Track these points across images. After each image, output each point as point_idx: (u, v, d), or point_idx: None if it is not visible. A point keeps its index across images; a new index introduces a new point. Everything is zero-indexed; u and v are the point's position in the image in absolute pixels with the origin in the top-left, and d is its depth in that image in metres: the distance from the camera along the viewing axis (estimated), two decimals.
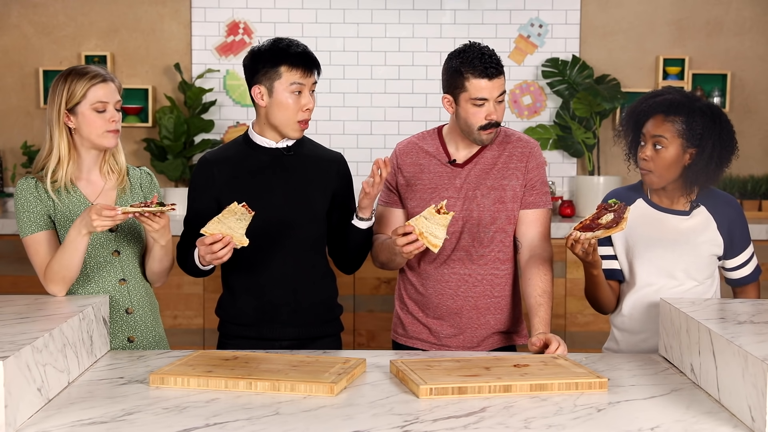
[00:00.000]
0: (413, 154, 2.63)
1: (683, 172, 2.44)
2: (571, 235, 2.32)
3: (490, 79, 2.43)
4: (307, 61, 2.45)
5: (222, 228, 2.26)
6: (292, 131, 2.47)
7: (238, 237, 2.26)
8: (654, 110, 2.45)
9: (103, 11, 4.93)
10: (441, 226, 2.27)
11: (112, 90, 2.40)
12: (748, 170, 4.93)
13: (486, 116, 2.45)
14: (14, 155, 4.96)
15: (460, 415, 1.79)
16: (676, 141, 2.41)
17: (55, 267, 2.33)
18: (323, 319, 2.56)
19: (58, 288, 2.36)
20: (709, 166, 2.42)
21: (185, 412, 1.80)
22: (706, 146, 2.41)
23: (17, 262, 4.36)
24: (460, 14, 4.94)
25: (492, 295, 2.57)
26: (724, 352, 1.87)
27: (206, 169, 2.54)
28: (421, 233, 2.26)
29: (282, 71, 2.43)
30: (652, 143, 2.43)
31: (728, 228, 2.49)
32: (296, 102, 2.44)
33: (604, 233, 2.29)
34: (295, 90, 2.43)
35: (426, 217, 2.27)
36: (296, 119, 2.45)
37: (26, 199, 2.39)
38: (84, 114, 2.37)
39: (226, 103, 4.97)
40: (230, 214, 2.26)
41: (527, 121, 4.99)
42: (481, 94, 2.43)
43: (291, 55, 2.43)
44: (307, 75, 2.44)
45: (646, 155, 2.44)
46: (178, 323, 4.40)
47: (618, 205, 2.33)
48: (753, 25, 4.97)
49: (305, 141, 2.60)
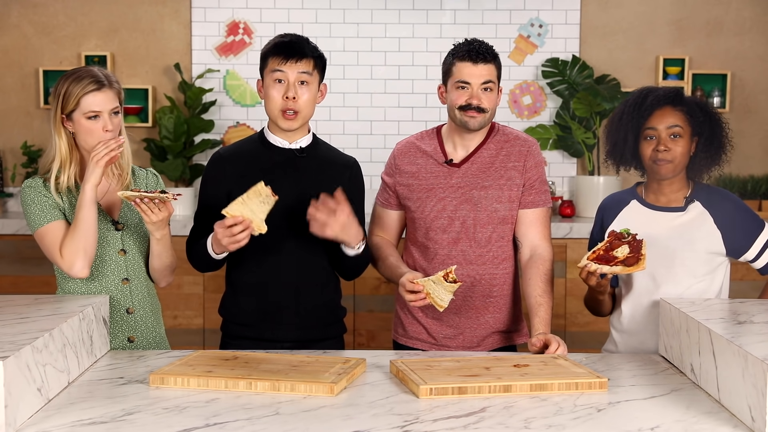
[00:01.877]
0: (411, 154, 2.64)
1: (690, 161, 2.49)
2: (586, 266, 2.32)
3: (474, 63, 2.48)
4: (288, 48, 2.43)
5: (244, 210, 2.23)
6: (280, 122, 2.46)
7: (257, 222, 2.24)
8: (660, 103, 2.47)
9: (103, 11, 4.93)
10: (448, 292, 2.33)
11: (108, 97, 2.36)
12: (748, 170, 4.93)
13: (467, 99, 2.49)
14: (14, 155, 4.96)
15: (460, 415, 1.79)
16: (688, 129, 2.46)
17: (72, 239, 2.29)
18: (326, 322, 2.55)
19: (81, 262, 2.30)
20: (709, 150, 2.47)
21: (185, 412, 1.80)
22: (704, 132, 2.47)
23: (17, 262, 4.36)
24: (460, 14, 4.94)
25: (491, 295, 2.57)
26: (724, 352, 1.87)
27: (219, 164, 2.53)
28: (428, 293, 2.33)
29: (268, 60, 2.45)
30: (669, 134, 2.45)
31: (728, 221, 2.47)
32: (278, 91, 2.43)
33: (623, 270, 2.30)
34: (276, 78, 2.43)
35: (434, 282, 2.33)
36: (279, 108, 2.44)
37: (35, 194, 2.36)
38: (79, 122, 2.36)
39: (226, 103, 4.97)
40: (255, 195, 2.24)
41: (527, 121, 4.99)
42: (464, 76, 2.49)
43: (276, 44, 2.45)
44: (286, 62, 2.42)
45: (667, 146, 2.44)
46: (178, 323, 4.40)
47: (632, 237, 2.33)
48: (753, 25, 4.97)
49: (320, 144, 2.58)
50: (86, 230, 2.30)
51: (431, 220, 2.57)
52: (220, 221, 2.27)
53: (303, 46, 2.46)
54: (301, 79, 2.44)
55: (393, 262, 2.55)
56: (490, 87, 2.50)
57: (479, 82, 2.48)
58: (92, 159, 2.31)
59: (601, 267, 2.31)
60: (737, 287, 2.71)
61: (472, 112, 2.50)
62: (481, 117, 2.51)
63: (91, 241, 2.31)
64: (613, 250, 2.33)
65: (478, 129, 2.53)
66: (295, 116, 2.45)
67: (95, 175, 2.30)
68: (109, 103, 2.37)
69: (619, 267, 2.30)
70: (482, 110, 2.50)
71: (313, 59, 2.46)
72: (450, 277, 2.32)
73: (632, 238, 2.33)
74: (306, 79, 2.45)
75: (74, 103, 2.34)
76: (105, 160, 2.30)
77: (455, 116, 2.53)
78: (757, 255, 2.51)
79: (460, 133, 2.57)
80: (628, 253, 2.31)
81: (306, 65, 2.44)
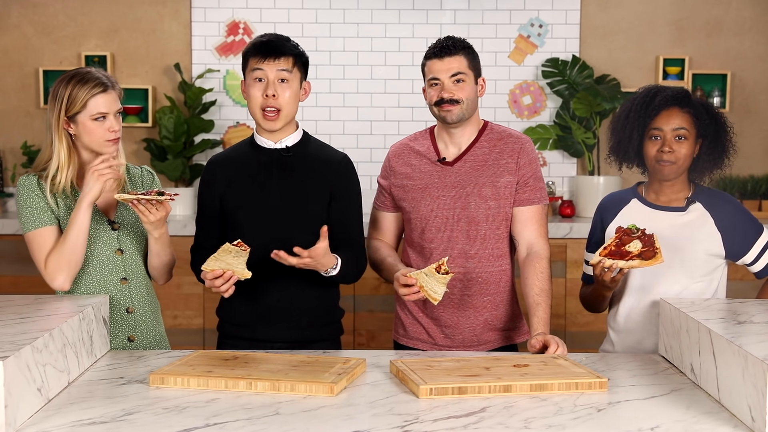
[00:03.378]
0: (405, 155, 2.64)
1: (693, 162, 2.48)
2: (601, 261, 2.30)
3: (440, 59, 2.52)
4: (267, 46, 2.43)
5: (221, 264, 2.26)
6: (261, 121, 2.46)
7: (239, 271, 2.27)
8: (668, 103, 2.47)
9: (103, 11, 4.93)
10: (441, 284, 2.33)
11: (113, 99, 2.38)
12: (748, 170, 4.93)
13: (438, 93, 2.52)
14: (14, 155, 4.96)
15: (460, 415, 1.79)
16: (693, 132, 2.46)
17: (59, 253, 2.31)
18: (321, 323, 2.54)
19: (63, 277, 2.33)
20: (713, 154, 2.47)
21: (185, 412, 1.80)
22: (708, 135, 2.47)
23: (17, 262, 4.36)
24: (460, 14, 4.95)
25: (488, 293, 2.57)
26: (724, 352, 1.87)
27: (211, 169, 2.56)
28: (421, 287, 2.33)
29: (249, 60, 2.46)
30: (674, 136, 2.44)
31: (728, 224, 2.47)
32: (259, 89, 2.43)
33: (641, 264, 2.27)
34: (256, 77, 2.43)
35: (427, 274, 2.33)
36: (259, 107, 2.44)
37: (29, 195, 2.37)
38: (84, 124, 2.36)
39: (226, 103, 4.97)
40: (225, 253, 2.28)
41: (527, 121, 4.99)
42: (433, 73, 2.54)
43: (255, 44, 2.45)
44: (264, 60, 2.42)
45: (672, 147, 2.44)
46: (178, 323, 4.40)
47: (641, 232, 2.33)
48: (753, 25, 4.97)
49: (311, 141, 2.57)
50: (74, 246, 2.31)
51: (426, 219, 2.57)
52: (203, 273, 2.29)
53: (281, 44, 2.45)
54: (280, 77, 2.43)
55: (391, 263, 2.55)
56: (460, 78, 2.51)
57: (448, 75, 2.51)
58: (92, 172, 2.30)
59: (617, 262, 2.30)
60: (737, 287, 2.71)
61: (446, 105, 2.52)
62: (458, 108, 2.52)
63: (78, 257, 2.33)
64: (624, 246, 2.32)
65: (458, 121, 2.54)
66: (276, 115, 2.44)
67: (94, 191, 2.30)
68: (114, 104, 2.39)
69: (637, 261, 2.28)
70: (455, 102, 2.51)
71: (292, 57, 2.45)
72: (442, 269, 2.32)
73: (642, 233, 2.33)
74: (285, 76, 2.44)
75: (81, 105, 2.34)
76: (107, 176, 2.29)
77: (435, 113, 2.57)
78: (755, 259, 2.50)
79: (447, 131, 2.58)
80: (641, 247, 2.30)
81: (285, 63, 2.44)
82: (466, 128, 2.58)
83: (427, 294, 2.32)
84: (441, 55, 2.52)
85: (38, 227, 2.36)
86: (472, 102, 2.54)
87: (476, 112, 2.59)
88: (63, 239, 2.32)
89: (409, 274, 2.35)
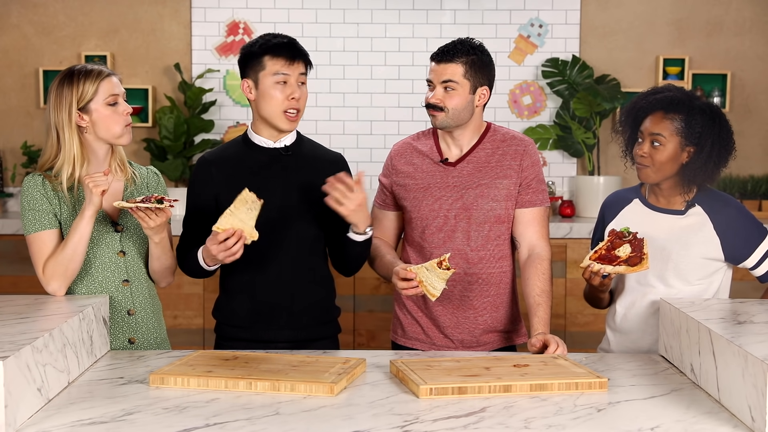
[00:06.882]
0: (407, 154, 2.64)
1: (681, 170, 2.43)
2: (589, 266, 2.32)
3: (437, 63, 2.54)
4: (291, 50, 2.45)
5: (234, 221, 2.24)
6: (281, 122, 2.47)
7: (248, 230, 2.24)
8: (653, 107, 2.45)
9: (103, 11, 4.93)
10: (441, 280, 2.32)
11: (118, 83, 2.43)
12: (748, 170, 4.93)
13: (427, 98, 2.54)
14: (14, 155, 4.96)
15: (460, 415, 1.79)
16: (674, 139, 2.41)
17: (57, 260, 2.31)
18: (320, 321, 2.55)
19: (58, 284, 2.34)
20: (707, 164, 2.41)
21: (185, 412, 1.80)
22: (705, 145, 2.40)
23: (17, 262, 4.36)
24: (460, 14, 4.94)
25: (488, 294, 2.57)
26: (724, 352, 1.87)
27: (205, 168, 2.53)
28: (421, 281, 2.32)
29: (265, 61, 2.44)
30: (650, 140, 2.43)
31: (728, 228, 2.45)
32: (281, 92, 2.44)
33: (626, 270, 2.30)
34: (279, 80, 2.44)
35: (427, 269, 2.32)
36: (282, 109, 2.45)
37: (32, 196, 2.37)
38: (98, 110, 2.37)
39: (226, 103, 4.97)
40: (242, 203, 2.24)
41: (527, 121, 4.99)
42: (429, 75, 2.56)
43: (274, 45, 2.45)
44: (291, 64, 2.44)
45: (644, 152, 2.43)
46: (178, 323, 4.40)
47: (632, 236, 2.33)
48: (753, 25, 4.97)
49: (305, 141, 2.59)
50: (73, 254, 2.31)
51: (427, 219, 2.57)
52: (211, 237, 2.28)
53: (300, 47, 2.49)
54: (300, 80, 2.48)
55: (389, 260, 2.55)
56: (451, 86, 2.50)
57: (439, 81, 2.52)
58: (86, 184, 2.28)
59: (604, 267, 2.31)
60: (737, 287, 2.70)
61: (431, 110, 2.53)
62: (441, 116, 2.52)
63: (75, 266, 2.33)
64: (615, 250, 2.32)
65: (443, 128, 2.55)
66: (296, 116, 2.48)
67: (95, 202, 2.29)
68: (121, 88, 2.43)
69: (623, 267, 2.29)
70: (440, 108, 2.51)
71: (307, 59, 2.50)
72: (444, 265, 2.31)
73: (633, 237, 2.33)
74: (304, 79, 2.50)
75: (93, 92, 2.36)
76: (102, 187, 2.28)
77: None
78: (757, 263, 2.49)
79: (448, 131, 2.58)
80: (630, 252, 2.30)
81: (304, 66, 2.48)
82: (464, 131, 2.58)
83: (425, 289, 2.31)
84: (439, 59, 2.52)
85: (39, 230, 2.36)
86: (461, 112, 2.52)
87: (475, 117, 2.58)
88: (63, 246, 2.32)
89: (409, 269, 2.35)
